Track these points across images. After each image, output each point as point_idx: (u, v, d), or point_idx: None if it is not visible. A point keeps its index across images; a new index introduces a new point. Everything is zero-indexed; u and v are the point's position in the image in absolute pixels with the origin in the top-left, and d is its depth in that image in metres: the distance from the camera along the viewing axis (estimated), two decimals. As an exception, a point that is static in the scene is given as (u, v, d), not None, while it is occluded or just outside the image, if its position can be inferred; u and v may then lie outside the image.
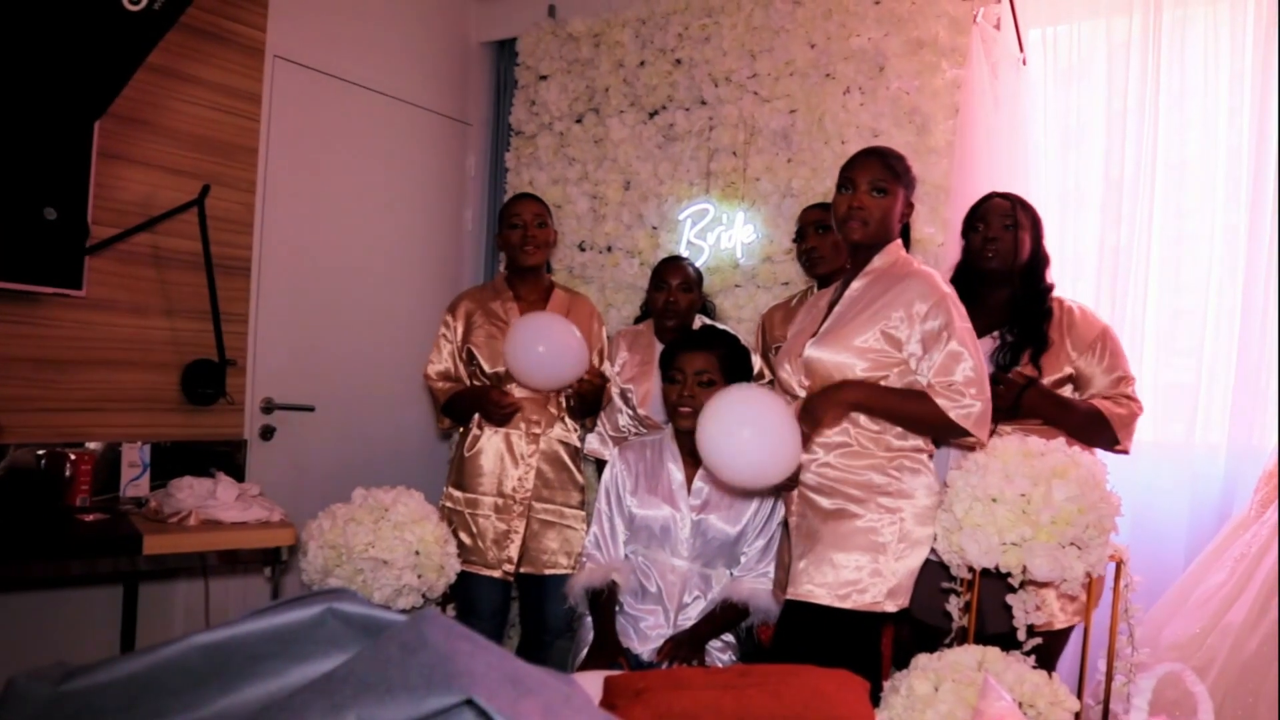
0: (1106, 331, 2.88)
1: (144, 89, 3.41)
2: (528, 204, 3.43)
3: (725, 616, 2.93)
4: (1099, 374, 2.83)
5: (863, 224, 2.54)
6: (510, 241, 3.39)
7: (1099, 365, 2.83)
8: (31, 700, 0.90)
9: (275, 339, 4.03)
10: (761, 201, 4.03)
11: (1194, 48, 3.44)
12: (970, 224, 2.99)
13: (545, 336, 3.11)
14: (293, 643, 0.90)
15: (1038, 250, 2.97)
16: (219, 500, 3.03)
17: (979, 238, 2.94)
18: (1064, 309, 2.92)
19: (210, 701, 0.89)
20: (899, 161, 2.58)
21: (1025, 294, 2.91)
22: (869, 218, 2.53)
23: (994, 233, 2.91)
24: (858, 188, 2.55)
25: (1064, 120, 3.71)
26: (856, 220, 2.54)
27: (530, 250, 3.38)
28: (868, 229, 2.54)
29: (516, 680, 0.78)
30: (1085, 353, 2.84)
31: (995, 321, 2.89)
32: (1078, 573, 2.37)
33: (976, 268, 2.96)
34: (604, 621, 2.96)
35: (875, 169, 2.55)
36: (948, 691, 2.10)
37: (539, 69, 4.64)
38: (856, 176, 2.56)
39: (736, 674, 1.90)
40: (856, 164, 2.59)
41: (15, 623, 3.33)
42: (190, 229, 3.55)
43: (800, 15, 3.95)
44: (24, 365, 3.24)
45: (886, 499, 2.49)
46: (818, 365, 2.55)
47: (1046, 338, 2.84)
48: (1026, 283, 2.93)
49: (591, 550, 3.11)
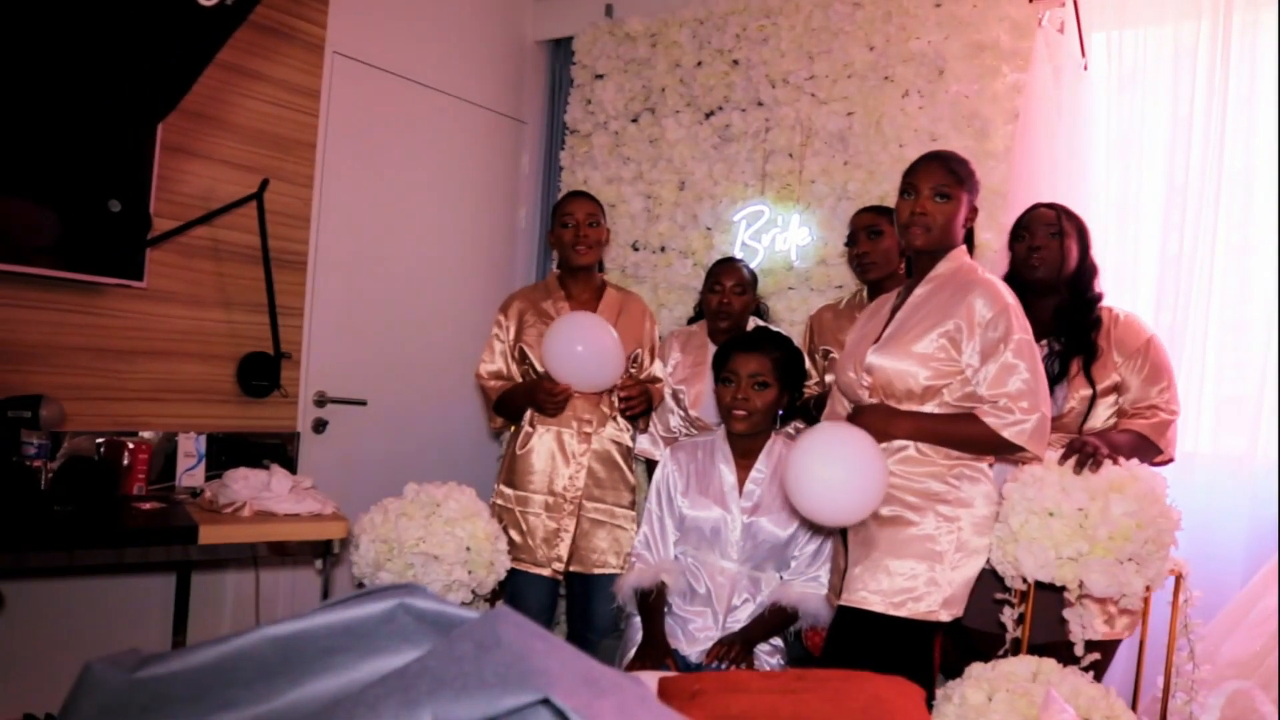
0: (1151, 341, 2.85)
1: (207, 84, 3.44)
2: (581, 203, 3.41)
3: (774, 620, 2.92)
4: (1137, 383, 2.80)
5: (925, 230, 2.51)
6: (562, 240, 3.37)
7: (1138, 375, 2.80)
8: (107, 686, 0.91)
9: (329, 333, 4.06)
10: (817, 204, 4.00)
11: (1264, 52, 3.38)
12: (1016, 234, 2.96)
13: (583, 336, 3.11)
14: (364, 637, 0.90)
15: (1085, 259, 2.93)
16: (273, 492, 3.06)
17: (1024, 247, 2.91)
18: (1112, 316, 2.89)
19: (281, 693, 0.90)
20: (962, 166, 2.55)
21: (1074, 303, 2.88)
22: (932, 224, 2.50)
23: (1039, 241, 2.88)
24: (920, 193, 2.52)
25: (1126, 126, 3.66)
26: (919, 226, 2.51)
27: (582, 250, 3.36)
28: (930, 235, 2.51)
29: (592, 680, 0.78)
30: (1129, 360, 2.81)
31: (1043, 331, 2.86)
32: (1136, 588, 2.34)
33: (1023, 277, 2.93)
34: (653, 622, 2.95)
35: (938, 174, 2.51)
36: (1001, 702, 2.08)
37: (595, 68, 4.64)
38: (919, 182, 2.53)
39: (793, 678, 1.89)
40: (919, 169, 2.56)
41: (72, 608, 3.39)
42: (249, 223, 3.59)
43: (860, 17, 3.92)
44: (85, 354, 3.29)
45: (945, 507, 2.46)
46: (880, 372, 2.53)
47: (1096, 346, 2.80)
48: (1074, 292, 2.90)
49: (641, 550, 3.11)
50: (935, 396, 2.48)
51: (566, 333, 3.12)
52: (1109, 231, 3.59)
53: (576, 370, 3.13)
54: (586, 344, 3.10)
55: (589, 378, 3.17)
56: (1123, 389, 2.81)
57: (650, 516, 3.13)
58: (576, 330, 3.13)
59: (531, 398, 3.30)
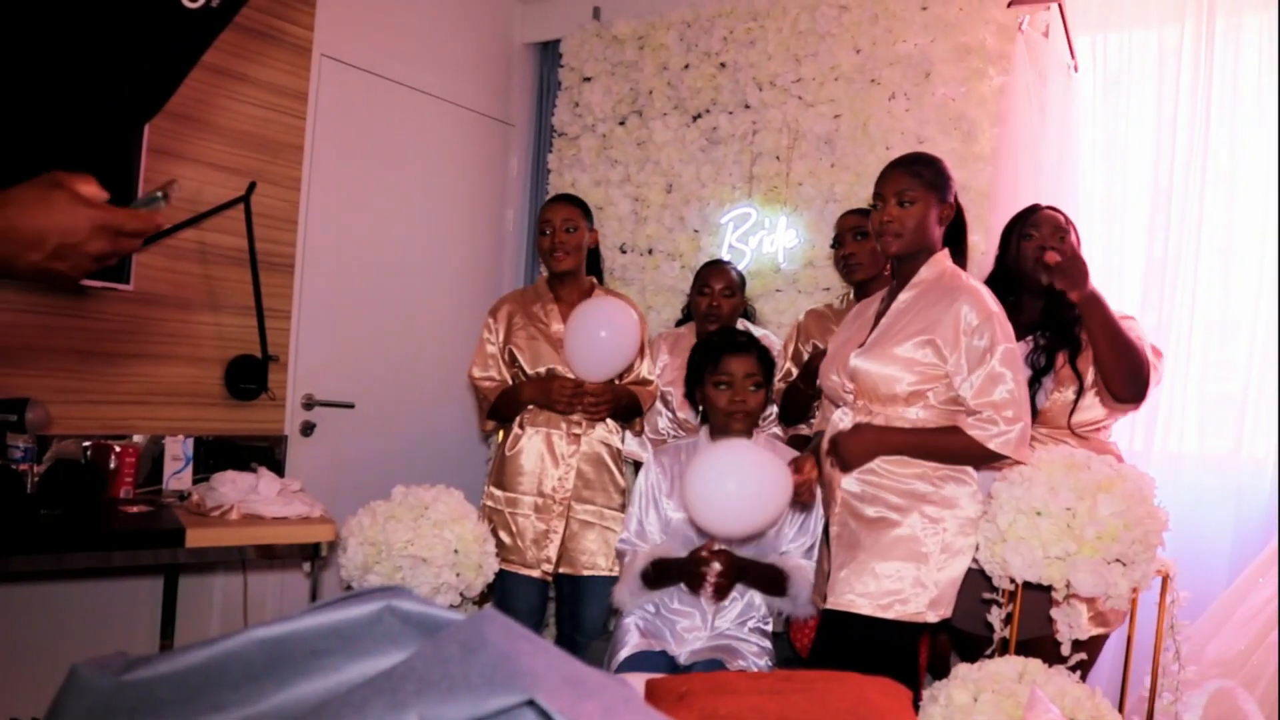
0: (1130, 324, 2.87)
1: (194, 87, 3.44)
2: (558, 208, 3.42)
3: (770, 573, 2.92)
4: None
5: (896, 236, 2.56)
6: (541, 248, 3.41)
7: None
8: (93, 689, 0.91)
9: (317, 336, 4.06)
10: (804, 206, 4.02)
11: (1247, 57, 3.41)
12: (1021, 233, 2.96)
13: (607, 321, 3.13)
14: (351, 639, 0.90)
15: None
16: (261, 495, 3.05)
17: (1033, 245, 2.91)
18: None
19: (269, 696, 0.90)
20: (926, 167, 2.58)
21: (1059, 300, 2.90)
22: (901, 229, 2.55)
23: (1051, 243, 2.88)
24: (887, 201, 2.57)
25: (1111, 128, 3.68)
26: (889, 234, 2.57)
27: (560, 256, 3.37)
28: (902, 240, 2.56)
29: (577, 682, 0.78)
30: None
31: (1030, 328, 2.89)
32: (1123, 589, 2.35)
33: (1025, 276, 2.93)
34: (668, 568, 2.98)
35: (901, 180, 2.57)
36: (987, 702, 2.09)
37: (583, 71, 4.64)
38: (885, 190, 2.59)
39: (780, 679, 1.89)
40: (884, 178, 2.62)
41: (59, 612, 3.38)
42: (236, 225, 3.59)
43: (846, 20, 3.93)
44: (71, 357, 3.28)
45: (930, 508, 2.48)
46: (864, 376, 2.55)
47: (1080, 340, 2.83)
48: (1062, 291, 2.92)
49: (634, 540, 3.10)
50: (919, 400, 2.50)
51: (591, 319, 3.17)
52: (1095, 233, 3.61)
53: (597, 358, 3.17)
54: (610, 329, 3.15)
55: (607, 365, 3.23)
56: None
57: (632, 519, 3.13)
58: (600, 316, 3.17)
59: (542, 395, 3.30)
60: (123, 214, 1.24)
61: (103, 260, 1.24)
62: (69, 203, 1.19)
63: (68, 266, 1.22)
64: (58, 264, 1.21)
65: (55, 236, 1.18)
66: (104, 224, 1.21)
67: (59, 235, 1.18)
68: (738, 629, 2.98)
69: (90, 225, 1.20)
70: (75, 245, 1.20)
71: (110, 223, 1.22)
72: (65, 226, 1.19)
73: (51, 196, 1.19)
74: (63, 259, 1.20)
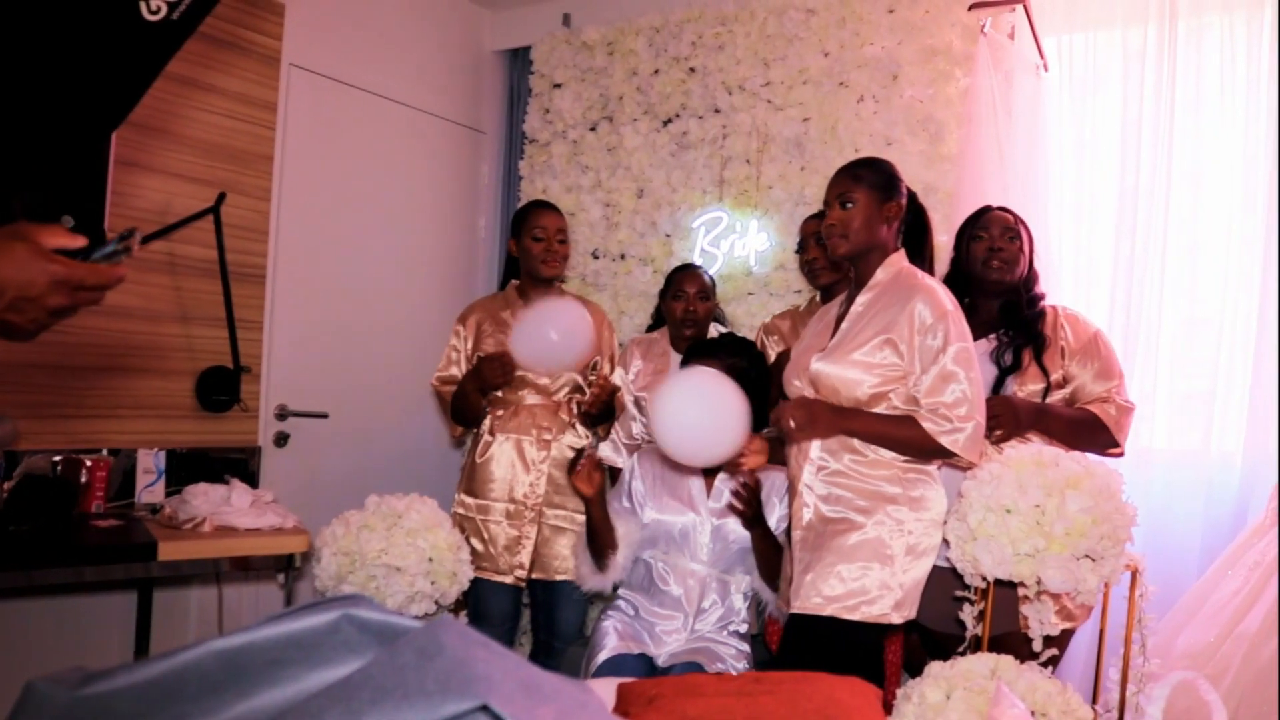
0: (1098, 336, 2.92)
1: (161, 98, 3.42)
2: (552, 217, 3.45)
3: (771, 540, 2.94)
4: (1089, 379, 2.86)
5: (842, 238, 2.59)
6: (530, 252, 3.40)
7: (1090, 370, 2.86)
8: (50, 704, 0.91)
9: (289, 346, 4.04)
10: (774, 209, 4.03)
11: (1210, 57, 3.45)
12: (971, 234, 3.00)
13: (554, 321, 3.12)
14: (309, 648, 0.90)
15: (1031, 263, 3.01)
16: (233, 507, 3.04)
17: (983, 247, 2.95)
18: (1055, 312, 2.96)
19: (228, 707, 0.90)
20: (866, 169, 2.61)
21: (1020, 299, 2.94)
22: (846, 230, 2.58)
23: (1000, 243, 2.93)
24: (831, 206, 2.61)
25: (1078, 129, 3.71)
26: (835, 236, 2.60)
27: (552, 263, 3.41)
28: (849, 241, 2.58)
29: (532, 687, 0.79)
30: (1076, 356, 2.87)
31: (989, 328, 2.93)
32: (1092, 584, 2.37)
33: (977, 277, 2.97)
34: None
35: (840, 184, 2.61)
36: (959, 700, 2.09)
37: (553, 77, 4.64)
38: (828, 195, 2.63)
39: (750, 680, 1.90)
40: (829, 185, 2.65)
41: (31, 628, 3.35)
42: (206, 236, 3.57)
43: (814, 24, 3.95)
44: (40, 372, 3.26)
45: (894, 508, 2.49)
46: (824, 380, 2.56)
47: (1044, 336, 2.86)
48: (1024, 290, 2.96)
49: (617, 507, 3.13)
50: (882, 402, 2.52)
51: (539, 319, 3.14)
52: (1064, 233, 3.64)
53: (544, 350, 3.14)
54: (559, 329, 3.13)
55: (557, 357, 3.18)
56: (1069, 379, 2.86)
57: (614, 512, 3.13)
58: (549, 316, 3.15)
59: (478, 379, 3.30)
60: (83, 269, 1.23)
61: (60, 314, 1.24)
62: (29, 255, 1.19)
63: (24, 320, 1.21)
64: (13, 316, 1.20)
65: (13, 289, 1.18)
66: (63, 279, 1.21)
67: (16, 289, 1.18)
68: (717, 632, 2.99)
69: (49, 280, 1.20)
70: (33, 299, 1.20)
71: (70, 278, 1.22)
72: (24, 280, 1.18)
73: (11, 249, 1.18)
74: (19, 312, 1.20)
